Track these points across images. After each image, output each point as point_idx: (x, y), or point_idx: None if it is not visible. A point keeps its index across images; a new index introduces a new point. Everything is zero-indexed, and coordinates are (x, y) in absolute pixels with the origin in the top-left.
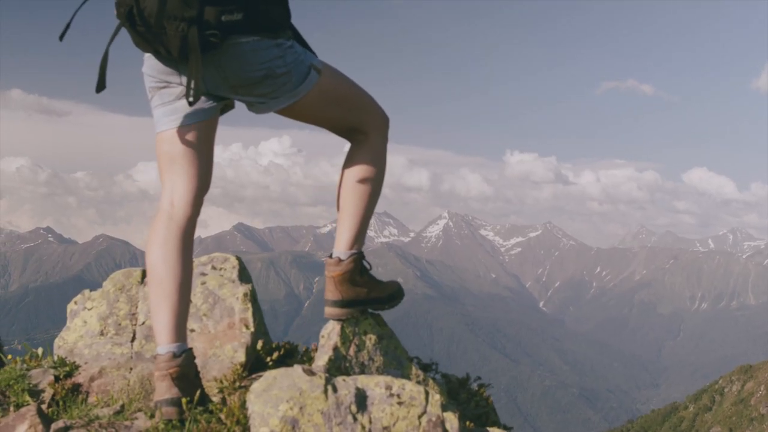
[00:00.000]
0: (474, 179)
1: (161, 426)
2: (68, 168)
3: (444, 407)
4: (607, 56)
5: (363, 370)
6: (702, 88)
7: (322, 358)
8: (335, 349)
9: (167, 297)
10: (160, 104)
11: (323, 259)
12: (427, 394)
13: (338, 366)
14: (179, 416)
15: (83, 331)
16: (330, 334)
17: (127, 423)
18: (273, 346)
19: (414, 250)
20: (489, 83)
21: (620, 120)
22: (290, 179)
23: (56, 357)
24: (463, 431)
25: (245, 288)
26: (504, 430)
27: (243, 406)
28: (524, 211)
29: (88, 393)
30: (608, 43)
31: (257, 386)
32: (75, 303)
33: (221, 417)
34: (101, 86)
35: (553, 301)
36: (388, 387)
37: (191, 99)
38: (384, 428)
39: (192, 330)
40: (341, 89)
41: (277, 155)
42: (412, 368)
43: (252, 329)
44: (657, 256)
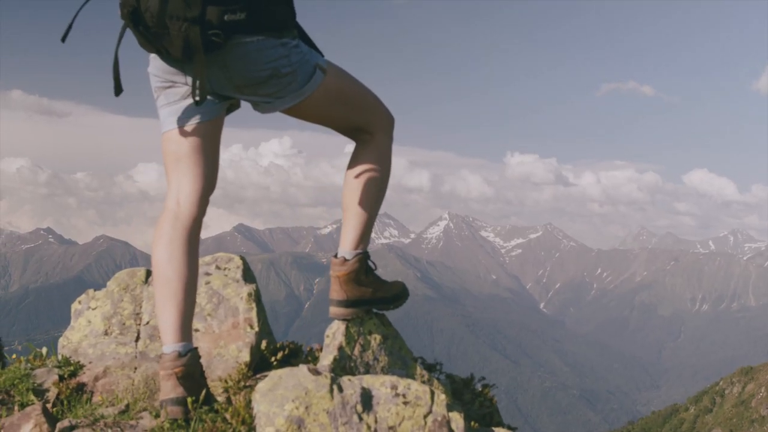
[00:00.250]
0: (474, 180)
1: (166, 425)
2: (68, 169)
3: (449, 407)
4: (608, 58)
5: (368, 370)
6: (702, 90)
7: (327, 358)
8: (340, 349)
9: (173, 296)
10: (166, 104)
11: (327, 259)
12: (433, 394)
13: (343, 366)
14: (184, 415)
15: (87, 331)
16: (335, 334)
17: (132, 422)
18: (277, 346)
19: (414, 252)
20: (489, 84)
21: (621, 121)
22: (290, 180)
23: (60, 356)
24: (469, 431)
25: (249, 288)
26: (509, 430)
27: (248, 406)
28: (525, 213)
29: (93, 392)
30: (609, 45)
31: (263, 386)
32: (79, 302)
33: (226, 416)
34: (119, 90)
35: (554, 303)
36: (394, 387)
37: (197, 99)
38: (390, 428)
39: (196, 330)
40: (346, 89)
41: (278, 156)
42: (417, 368)
43: (256, 329)
44: (657, 258)
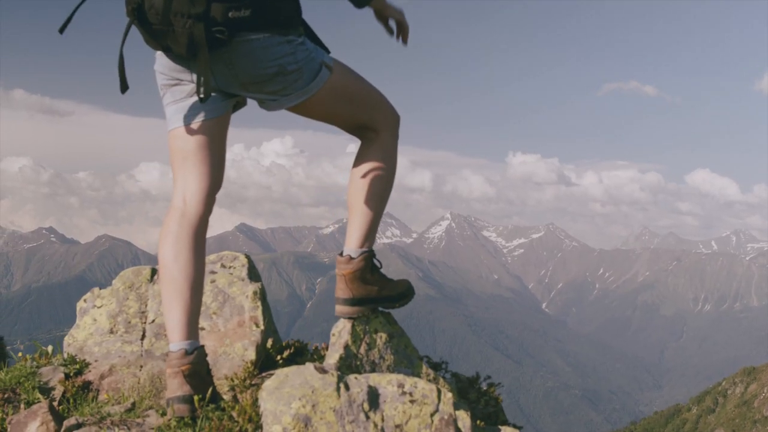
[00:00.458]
0: (476, 180)
1: (173, 423)
2: (70, 168)
3: (456, 406)
4: (610, 57)
5: (374, 369)
6: (704, 90)
7: (333, 357)
8: (346, 348)
9: (179, 294)
10: (172, 101)
11: (329, 259)
12: (440, 393)
13: (349, 364)
14: (191, 413)
15: (93, 329)
16: (341, 332)
17: (139, 420)
18: (283, 345)
19: (416, 251)
20: (491, 84)
21: (623, 121)
22: (292, 180)
23: (66, 355)
24: (475, 430)
25: (255, 286)
26: (515, 429)
27: (255, 404)
28: (526, 213)
29: (99, 391)
30: (610, 45)
31: (269, 384)
32: (84, 301)
33: (233, 414)
34: (124, 87)
35: (556, 303)
36: (401, 385)
37: (202, 96)
38: (396, 426)
39: (202, 328)
40: (352, 87)
41: (279, 156)
42: (423, 367)
43: (262, 327)
44: (660, 258)
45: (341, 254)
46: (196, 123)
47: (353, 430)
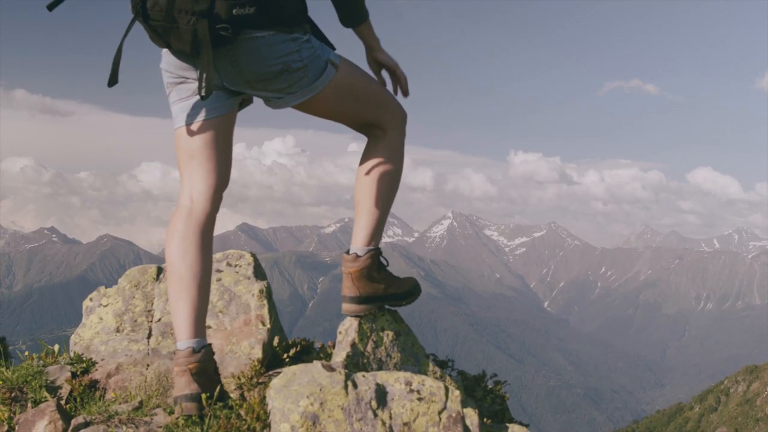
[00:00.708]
0: (478, 179)
1: (181, 422)
2: (72, 168)
3: (464, 403)
4: (611, 56)
5: (380, 367)
6: (706, 88)
7: (340, 355)
8: (353, 346)
9: (186, 293)
10: (178, 100)
11: (330, 258)
12: (447, 390)
13: (356, 362)
14: (199, 412)
15: (99, 328)
16: (347, 331)
17: (147, 419)
18: (289, 343)
19: (418, 250)
20: (493, 83)
21: (624, 120)
22: (294, 179)
23: (72, 353)
24: (482, 427)
25: (261, 285)
26: (522, 427)
27: (263, 402)
28: (528, 211)
29: (106, 389)
30: (612, 43)
31: (277, 382)
32: (90, 300)
33: (241, 413)
34: (113, 81)
35: (558, 301)
36: (408, 383)
37: (203, 93)
38: (404, 424)
39: (208, 327)
40: (358, 84)
41: (281, 155)
42: (429, 365)
43: (268, 326)
44: (662, 256)
45: (348, 252)
46: (202, 121)
47: (361, 428)
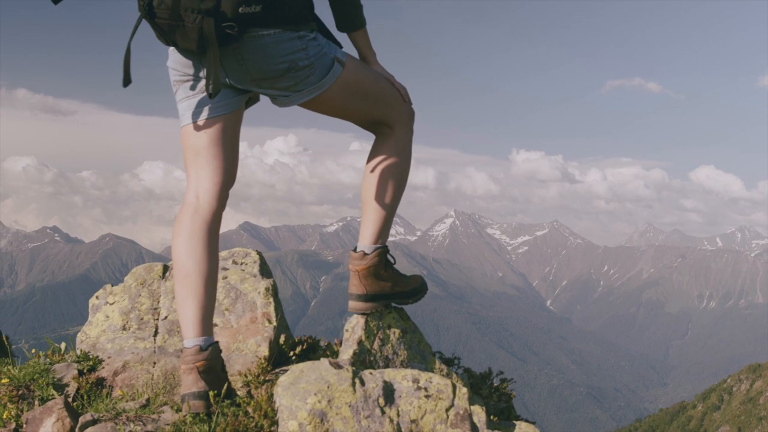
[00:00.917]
0: (480, 178)
1: (189, 419)
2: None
3: (471, 400)
4: (613, 55)
5: (387, 364)
6: (708, 86)
7: (347, 352)
8: (360, 343)
9: (193, 291)
10: (185, 98)
11: (333, 257)
12: (455, 388)
13: (363, 360)
14: (206, 409)
15: (105, 326)
16: (354, 328)
17: (154, 416)
18: (296, 341)
19: (420, 249)
20: (495, 82)
21: (627, 118)
22: (296, 178)
23: (79, 351)
24: (490, 425)
25: (267, 282)
26: (530, 424)
27: (270, 400)
28: (531, 210)
29: (112, 387)
30: (614, 42)
31: (284, 379)
32: (96, 298)
33: (249, 410)
34: (127, 80)
35: (560, 300)
36: (416, 380)
37: (210, 91)
38: (412, 421)
39: (214, 324)
40: (366, 82)
41: (283, 154)
42: (436, 362)
43: (275, 324)
44: (664, 255)
45: (355, 250)
46: (209, 119)
47: (369, 426)
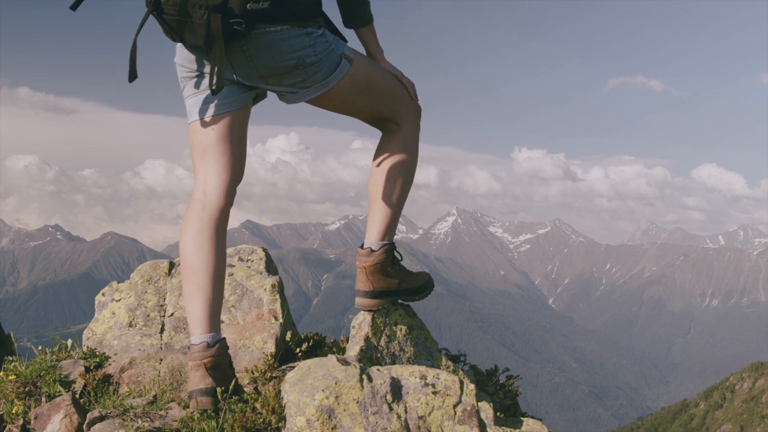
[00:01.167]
0: (482, 176)
1: (196, 415)
2: (76, 166)
3: (478, 397)
4: (615, 53)
5: (394, 361)
6: (711, 84)
7: (354, 349)
8: (366, 340)
9: (201, 287)
10: (192, 94)
11: (335, 255)
12: (462, 384)
13: (369, 356)
14: (214, 406)
15: (112, 323)
16: (361, 325)
17: (162, 413)
18: (302, 337)
19: (422, 248)
20: (497, 80)
21: (629, 116)
22: (297, 176)
23: (86, 348)
24: (497, 421)
25: (273, 279)
26: (536, 421)
27: (278, 396)
28: (533, 208)
29: (119, 384)
30: (616, 40)
31: (292, 376)
32: (103, 295)
33: (256, 406)
34: (133, 76)
35: (563, 298)
36: (423, 377)
37: (214, 88)
38: (419, 417)
39: (221, 321)
40: (373, 78)
41: (285, 152)
42: (442, 359)
43: (281, 320)
44: (667, 253)
45: (362, 247)
46: (216, 115)
47: (377, 422)
